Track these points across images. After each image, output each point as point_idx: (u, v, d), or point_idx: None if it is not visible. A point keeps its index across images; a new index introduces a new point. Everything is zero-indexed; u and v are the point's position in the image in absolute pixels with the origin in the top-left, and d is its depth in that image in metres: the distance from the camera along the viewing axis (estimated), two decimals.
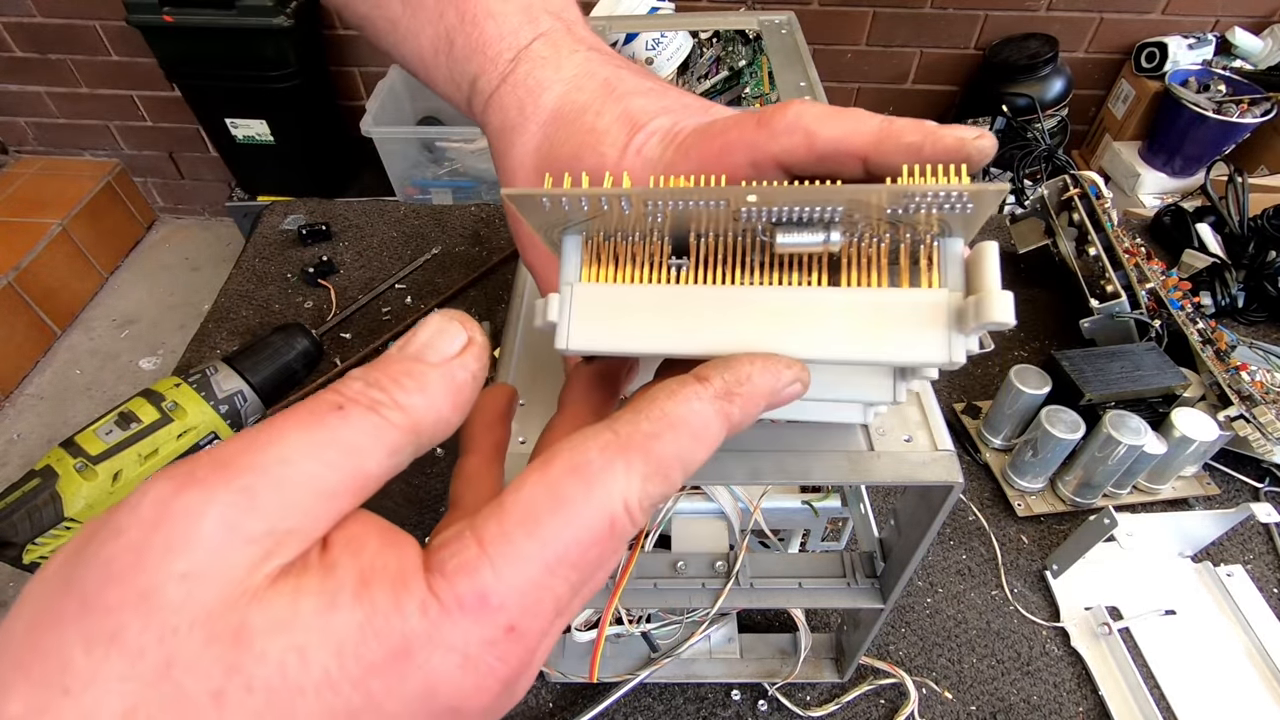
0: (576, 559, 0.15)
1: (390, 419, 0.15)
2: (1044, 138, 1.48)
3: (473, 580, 0.14)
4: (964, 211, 0.17)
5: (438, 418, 0.16)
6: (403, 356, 0.17)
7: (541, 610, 0.15)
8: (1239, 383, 0.64)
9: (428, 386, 0.16)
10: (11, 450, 1.61)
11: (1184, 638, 0.55)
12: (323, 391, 0.16)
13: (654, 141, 0.23)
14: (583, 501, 0.15)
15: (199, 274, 2.04)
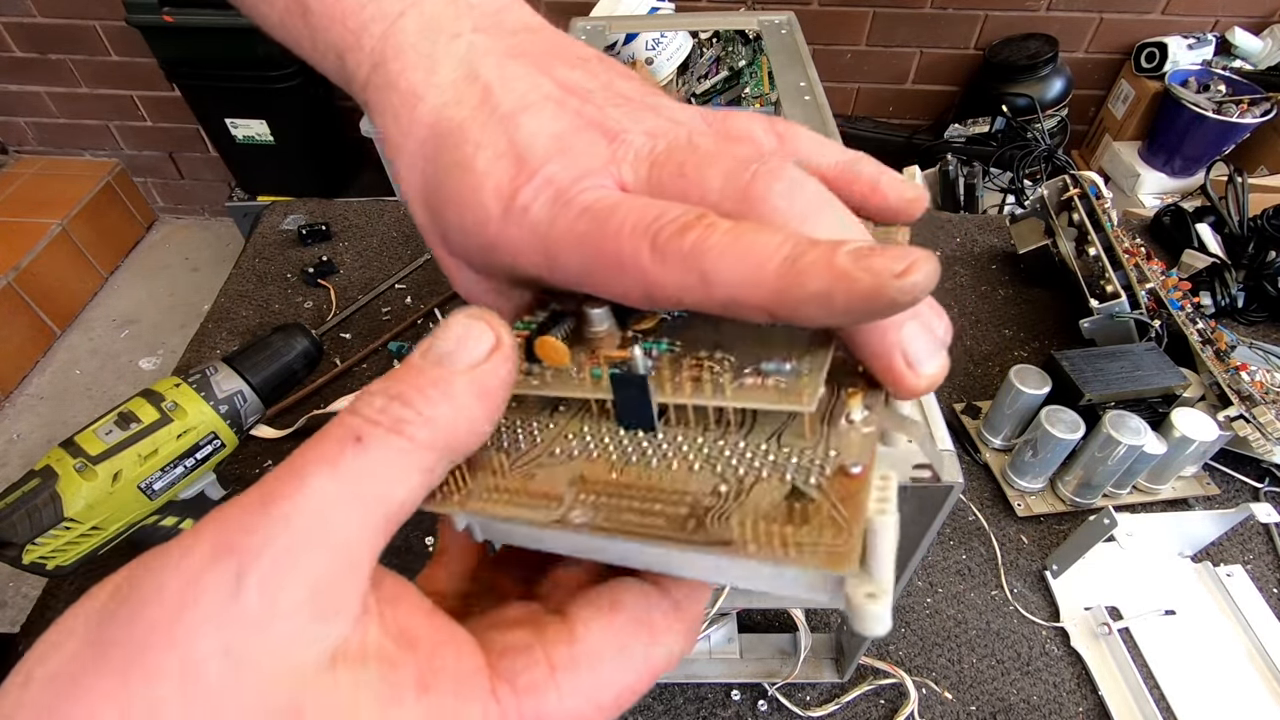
0: (624, 700, 0.16)
1: (418, 437, 0.14)
2: (1044, 138, 1.48)
3: (539, 701, 0.15)
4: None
5: (470, 429, 0.15)
6: (426, 364, 0.15)
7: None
8: (1239, 383, 0.64)
9: (455, 396, 0.15)
10: (11, 450, 1.61)
11: (1184, 638, 0.55)
12: (342, 415, 0.14)
13: (542, 201, 0.18)
14: (642, 656, 0.16)
15: (199, 274, 2.04)
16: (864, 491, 0.14)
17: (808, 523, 0.14)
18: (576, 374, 0.17)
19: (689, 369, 0.17)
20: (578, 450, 0.17)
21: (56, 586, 0.58)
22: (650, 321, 0.19)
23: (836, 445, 0.16)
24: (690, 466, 0.16)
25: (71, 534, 0.40)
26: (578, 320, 0.19)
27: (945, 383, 0.75)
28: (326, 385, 0.74)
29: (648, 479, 0.16)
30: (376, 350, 0.77)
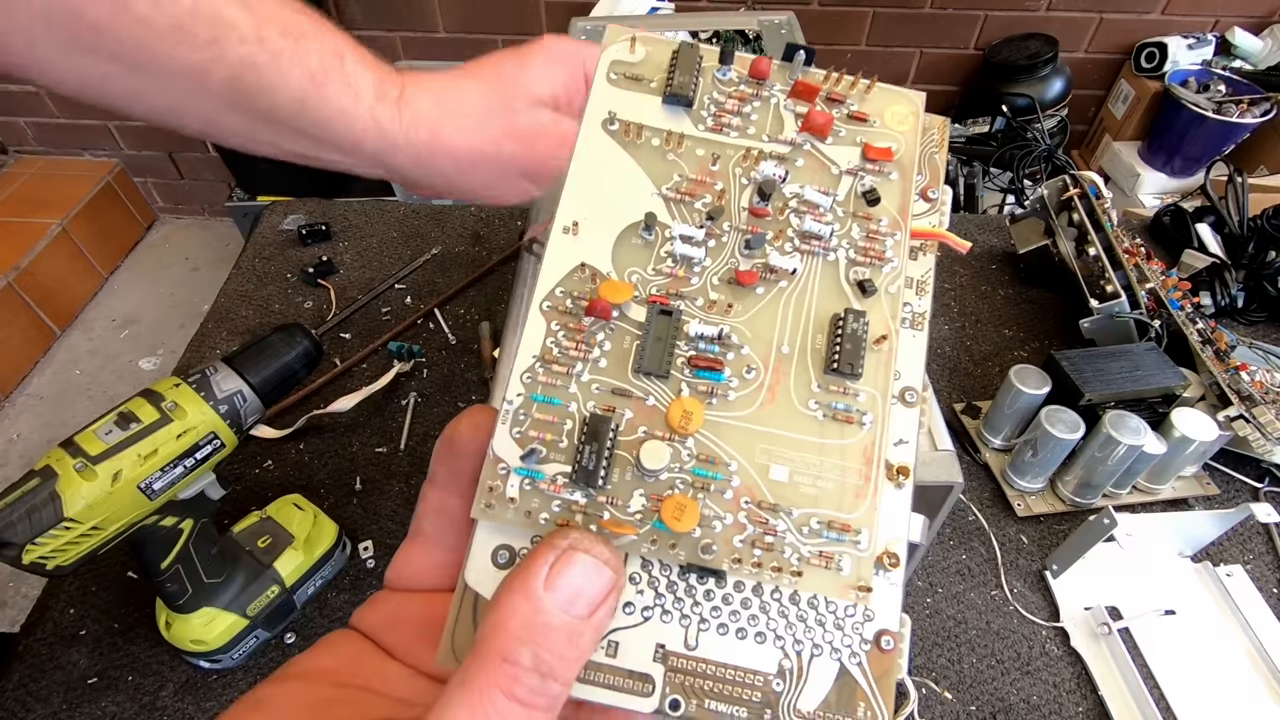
0: None
1: (559, 705, 0.15)
2: (1044, 138, 1.48)
3: None
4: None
5: (585, 662, 0.16)
6: (559, 621, 0.15)
7: None
8: (1239, 383, 0.64)
9: (584, 651, 0.16)
10: (11, 450, 1.61)
11: (1184, 638, 0.55)
12: (500, 695, 0.14)
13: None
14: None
15: (199, 274, 2.04)
16: (896, 669, 0.18)
17: (855, 714, 0.17)
18: (644, 538, 0.18)
19: (754, 524, 0.18)
20: (649, 602, 0.18)
21: (56, 586, 0.59)
22: (697, 417, 0.19)
23: (874, 606, 0.18)
24: (756, 636, 0.18)
25: (71, 534, 0.40)
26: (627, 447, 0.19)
27: (945, 383, 0.75)
28: (326, 385, 0.74)
29: (721, 654, 0.18)
30: (376, 350, 0.77)
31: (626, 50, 0.22)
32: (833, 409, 0.19)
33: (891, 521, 0.19)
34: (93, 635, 0.56)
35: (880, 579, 0.18)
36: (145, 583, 0.58)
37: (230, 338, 0.80)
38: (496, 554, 0.18)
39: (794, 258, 0.20)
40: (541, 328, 0.19)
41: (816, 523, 0.18)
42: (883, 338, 0.19)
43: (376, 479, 0.66)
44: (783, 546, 0.18)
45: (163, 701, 0.52)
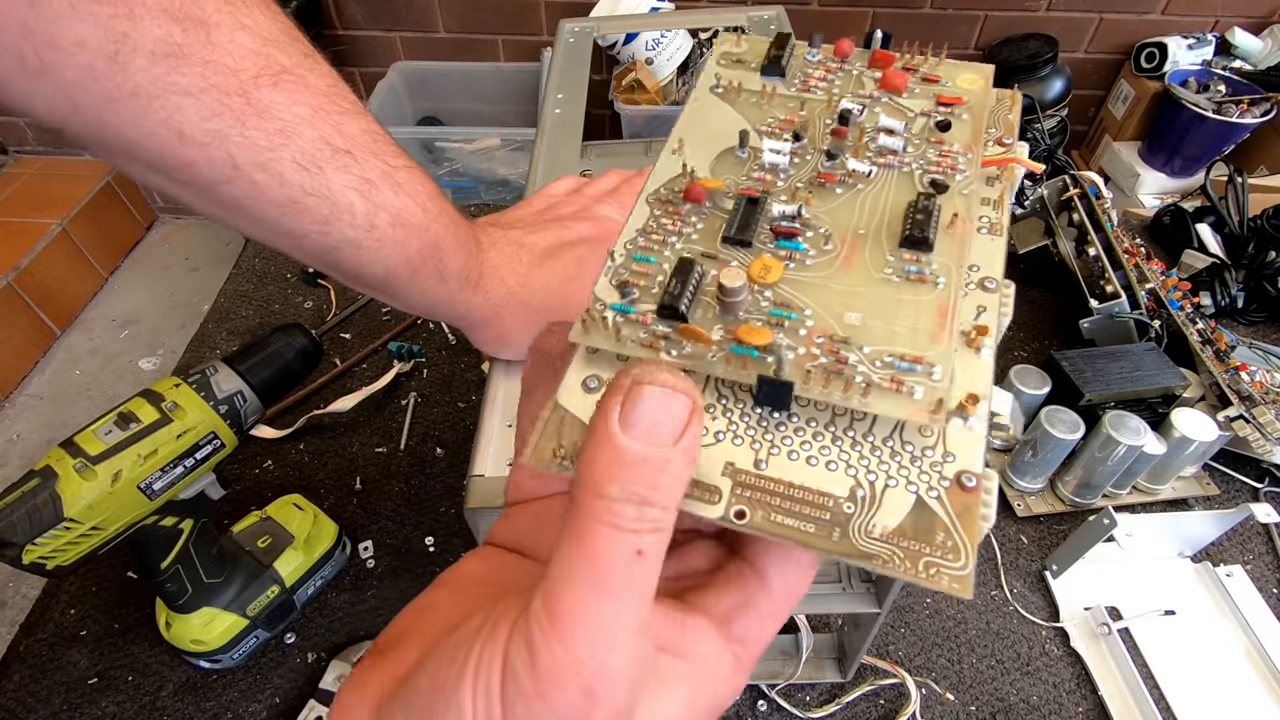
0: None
1: (668, 526, 0.16)
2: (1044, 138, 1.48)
3: (758, 647, 0.20)
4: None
5: (685, 486, 0.17)
6: (641, 453, 0.16)
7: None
8: (1239, 383, 0.64)
9: (678, 476, 0.16)
10: (11, 450, 1.61)
11: (1184, 638, 0.55)
12: (606, 528, 0.15)
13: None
14: (809, 583, 0.20)
15: (199, 274, 2.04)
16: (976, 506, 0.17)
17: (933, 542, 0.17)
18: (717, 354, 0.19)
19: (824, 355, 0.18)
20: (722, 425, 0.19)
21: (56, 586, 0.59)
22: (775, 271, 0.20)
23: (955, 449, 0.18)
24: (827, 463, 0.18)
25: (71, 534, 0.40)
26: (707, 279, 0.21)
27: None
28: (326, 385, 0.74)
29: (791, 475, 0.18)
30: (376, 350, 0.77)
31: (734, 43, 0.27)
32: (906, 272, 0.20)
33: (971, 378, 0.18)
34: (93, 635, 0.56)
35: (959, 425, 0.18)
36: (145, 583, 0.58)
37: (230, 338, 0.80)
38: (587, 381, 0.19)
39: (870, 166, 0.22)
40: (645, 213, 0.22)
41: (889, 356, 0.18)
42: (955, 216, 0.21)
43: (376, 479, 0.66)
44: (854, 373, 0.18)
45: (163, 701, 0.52)
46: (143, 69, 0.24)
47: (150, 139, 0.25)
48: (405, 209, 0.32)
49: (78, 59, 0.23)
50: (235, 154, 0.27)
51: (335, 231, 0.30)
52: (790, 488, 0.18)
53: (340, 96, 0.29)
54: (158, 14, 0.24)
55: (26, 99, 0.24)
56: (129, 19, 0.23)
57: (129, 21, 0.23)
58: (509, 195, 1.43)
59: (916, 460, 0.18)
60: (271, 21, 0.27)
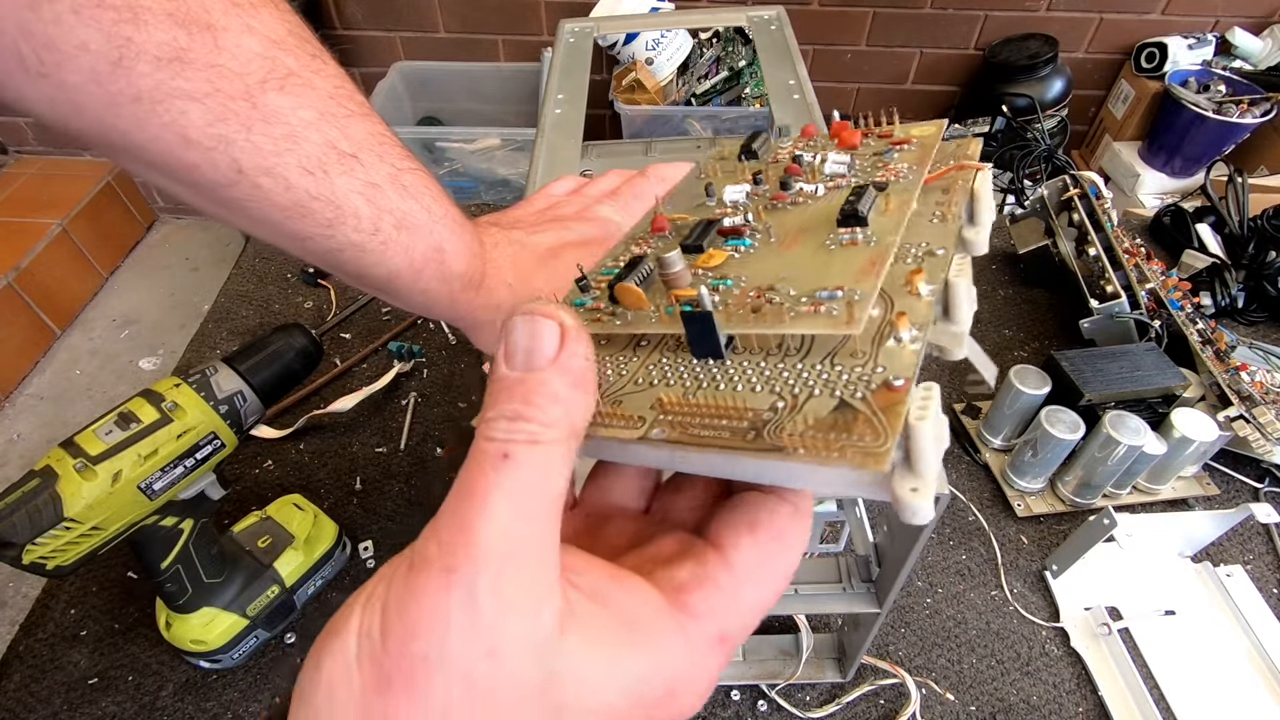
0: (770, 603, 0.19)
1: (548, 438, 0.17)
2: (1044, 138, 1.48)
3: (716, 623, 0.18)
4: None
5: (580, 409, 0.18)
6: (516, 376, 0.17)
7: (746, 635, 0.19)
8: (1239, 383, 0.64)
9: (556, 393, 0.17)
10: (11, 450, 1.61)
11: (1184, 638, 0.55)
12: (479, 442, 0.17)
13: None
14: (782, 564, 0.19)
15: (199, 274, 2.04)
16: (904, 402, 0.16)
17: (850, 430, 0.16)
18: (653, 313, 0.20)
19: (752, 300, 0.19)
20: (657, 379, 0.20)
21: (56, 586, 0.59)
22: (719, 258, 0.22)
23: (885, 362, 0.17)
24: (753, 388, 0.18)
25: (71, 534, 0.40)
26: (655, 265, 0.22)
27: (945, 383, 0.75)
28: (326, 385, 0.74)
29: (716, 400, 0.18)
30: (376, 350, 0.77)
31: (723, 149, 0.31)
32: (841, 240, 0.21)
33: (912, 313, 0.18)
34: (93, 635, 0.56)
35: (892, 344, 0.18)
36: (145, 583, 0.58)
37: (230, 338, 0.80)
38: None
39: (819, 185, 0.24)
40: (620, 247, 0.26)
41: (818, 293, 0.19)
42: (888, 197, 0.22)
43: (376, 479, 0.66)
44: (781, 303, 0.19)
45: (163, 702, 0.52)
46: (147, 74, 0.24)
47: (153, 142, 0.25)
48: (410, 212, 0.32)
49: (80, 63, 0.23)
50: (240, 158, 0.27)
51: (340, 235, 0.30)
52: (713, 408, 0.18)
53: (347, 98, 0.29)
54: (163, 19, 0.24)
55: (27, 99, 0.24)
56: (133, 24, 0.23)
57: (133, 26, 0.23)
58: (509, 195, 1.43)
59: (844, 374, 0.18)
60: (280, 22, 0.27)
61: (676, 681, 0.17)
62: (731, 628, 0.18)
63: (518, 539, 0.16)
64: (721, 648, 0.18)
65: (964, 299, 0.18)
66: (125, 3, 0.23)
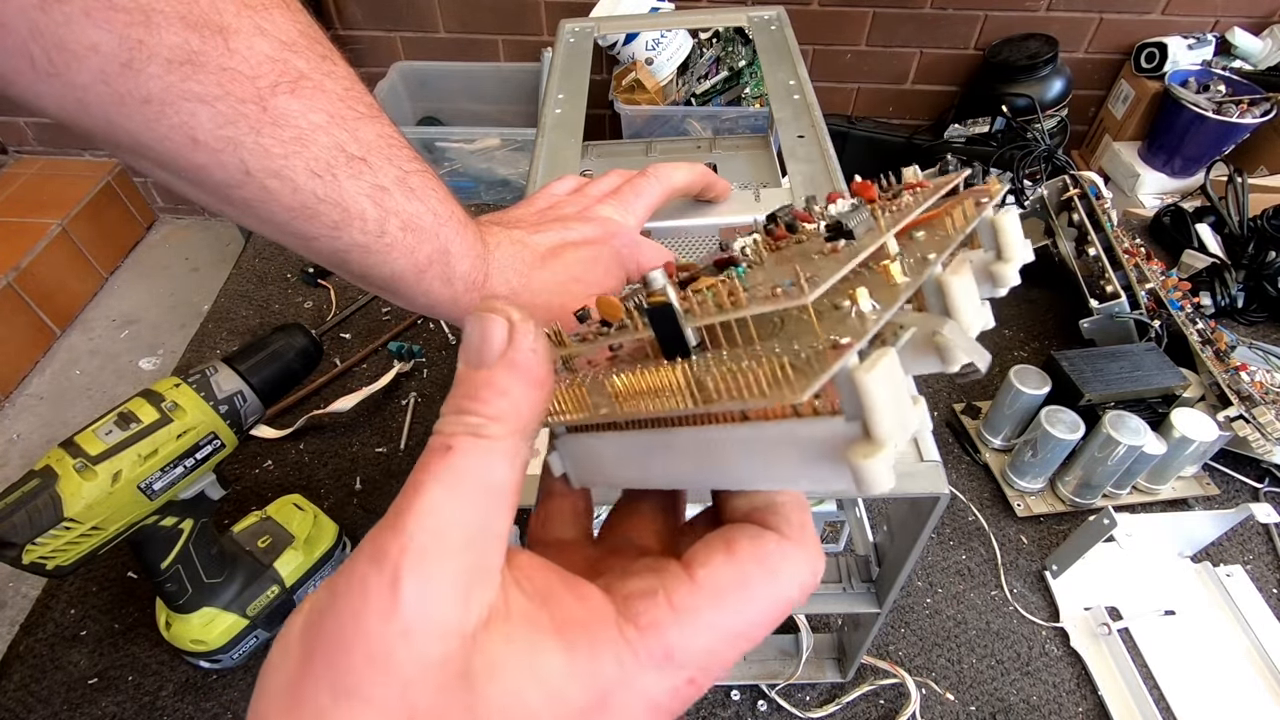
0: (756, 631, 0.18)
1: (492, 433, 0.17)
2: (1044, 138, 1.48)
3: (662, 637, 0.17)
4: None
5: (531, 403, 0.18)
6: (467, 372, 0.18)
7: (716, 667, 0.18)
8: (1239, 383, 0.64)
9: (503, 388, 0.17)
10: (11, 450, 1.61)
11: (1184, 638, 0.55)
12: (432, 437, 0.17)
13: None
14: (765, 587, 0.18)
15: (199, 274, 2.04)
16: (842, 355, 0.15)
17: (785, 381, 0.15)
18: (629, 321, 0.21)
19: (716, 296, 0.19)
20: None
21: (56, 586, 0.59)
22: (708, 282, 0.22)
23: (837, 330, 0.17)
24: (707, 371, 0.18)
25: (71, 534, 0.40)
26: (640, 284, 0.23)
27: (945, 382, 0.75)
28: (326, 385, 0.74)
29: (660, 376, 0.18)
30: (376, 350, 0.77)
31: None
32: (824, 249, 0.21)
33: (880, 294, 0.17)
34: (93, 635, 0.56)
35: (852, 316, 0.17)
36: (145, 583, 0.58)
37: (230, 338, 0.80)
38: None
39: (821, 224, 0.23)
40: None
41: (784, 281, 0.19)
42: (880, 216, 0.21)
43: (376, 479, 0.66)
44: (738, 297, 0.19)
45: (163, 701, 0.52)
46: (157, 76, 0.24)
47: (162, 143, 0.25)
48: (417, 215, 0.32)
49: (90, 64, 0.23)
50: (248, 160, 0.27)
51: (346, 236, 0.30)
52: (660, 385, 0.18)
53: (356, 100, 0.29)
54: (175, 21, 0.24)
55: (35, 97, 0.24)
56: (145, 26, 0.23)
57: (145, 29, 0.23)
58: (509, 195, 1.43)
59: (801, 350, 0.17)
60: (291, 24, 0.27)
61: (608, 694, 0.16)
62: (684, 647, 0.17)
63: (451, 527, 0.16)
64: (668, 667, 0.17)
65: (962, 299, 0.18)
66: (137, 5, 0.23)
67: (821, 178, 0.46)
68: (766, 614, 0.18)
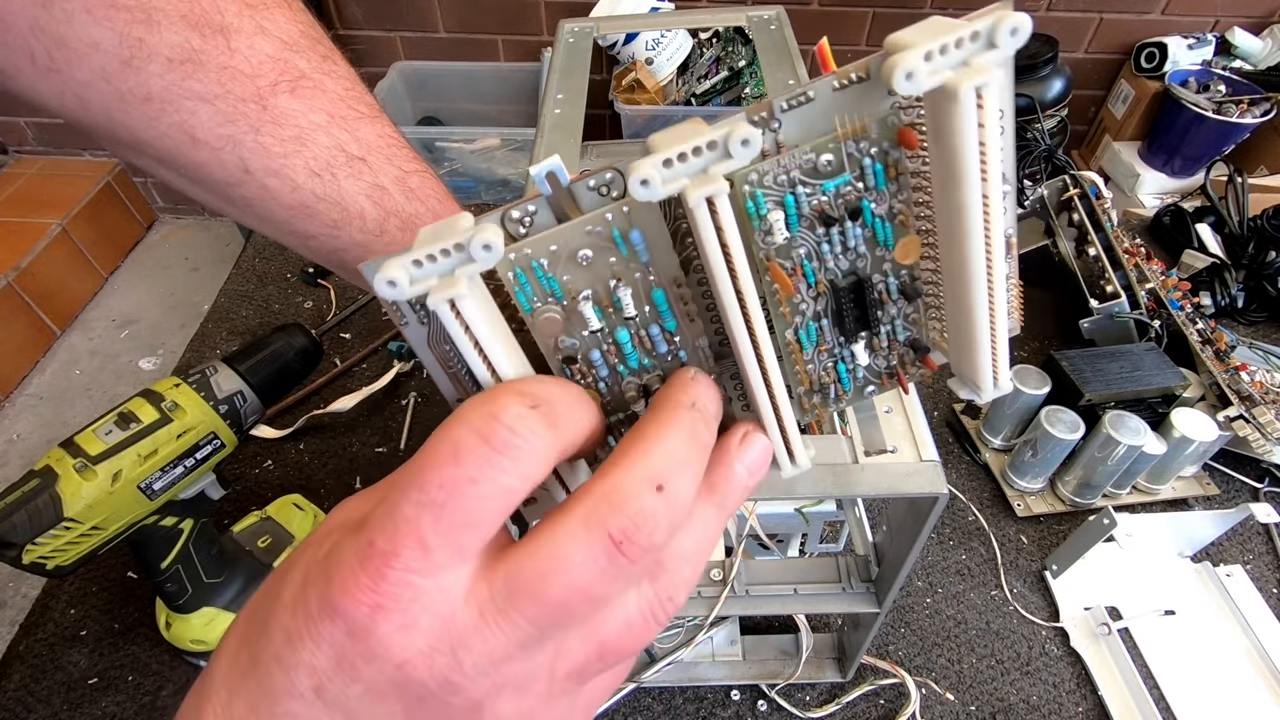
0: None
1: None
2: (1044, 138, 1.48)
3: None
4: None
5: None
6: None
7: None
8: (1238, 383, 0.64)
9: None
10: (11, 450, 1.61)
11: (1183, 638, 0.55)
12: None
13: None
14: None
15: (199, 274, 2.04)
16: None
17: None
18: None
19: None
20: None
21: (56, 586, 0.58)
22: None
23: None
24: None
25: (71, 534, 0.40)
26: None
27: (945, 383, 0.75)
28: (326, 385, 0.74)
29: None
30: (376, 350, 0.77)
31: None
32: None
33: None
34: (93, 635, 0.56)
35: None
36: (145, 583, 0.58)
37: (230, 338, 0.80)
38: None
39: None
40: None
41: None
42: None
43: (376, 479, 0.66)
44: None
45: (163, 701, 0.52)
46: (158, 74, 0.24)
47: (162, 140, 0.25)
48: (416, 214, 0.32)
49: (91, 61, 0.23)
50: (248, 159, 0.27)
51: (345, 235, 0.30)
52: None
53: (357, 100, 0.29)
54: (176, 21, 0.24)
55: (36, 93, 0.24)
56: (146, 25, 0.23)
57: (146, 28, 0.23)
58: (509, 195, 1.43)
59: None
60: (292, 23, 0.27)
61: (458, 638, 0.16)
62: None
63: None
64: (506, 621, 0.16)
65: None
66: (138, 3, 0.23)
67: None
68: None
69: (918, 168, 0.19)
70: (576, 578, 0.15)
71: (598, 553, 0.15)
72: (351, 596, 0.15)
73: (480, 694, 0.16)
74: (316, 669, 0.15)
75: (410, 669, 0.15)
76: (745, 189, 0.19)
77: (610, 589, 0.16)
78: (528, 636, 0.16)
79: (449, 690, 0.15)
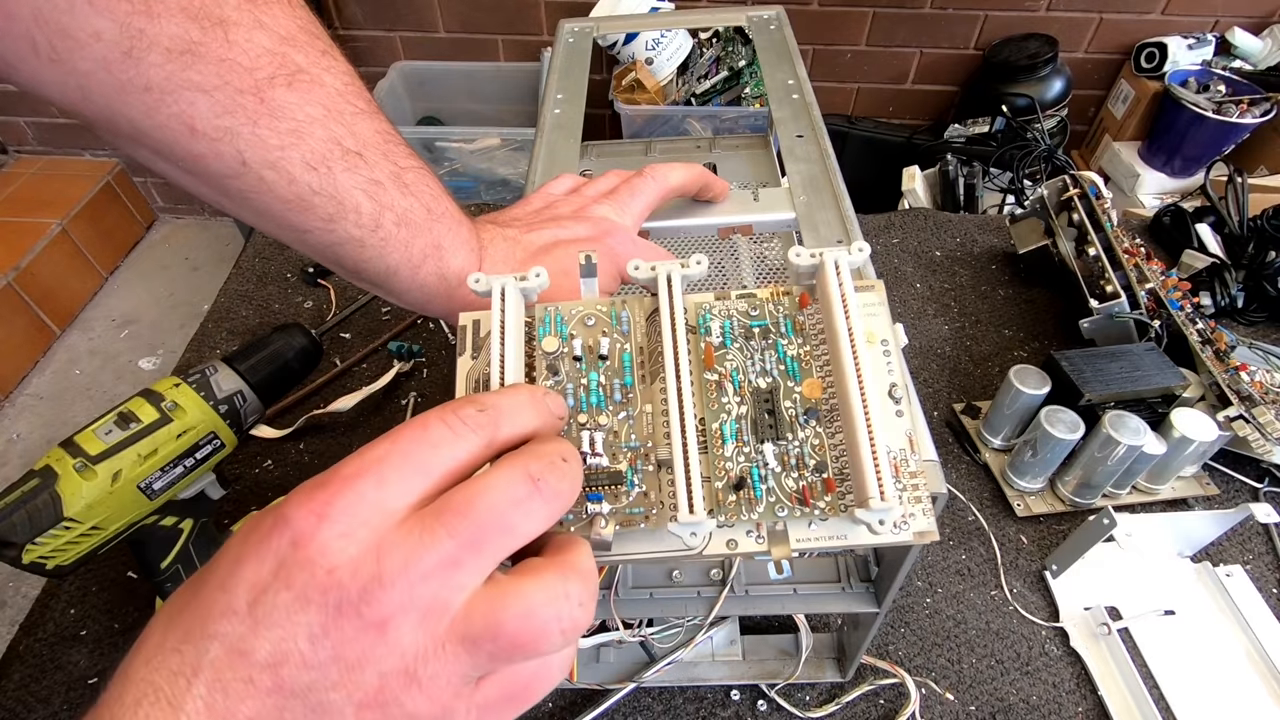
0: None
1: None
2: (1044, 138, 1.48)
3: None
4: None
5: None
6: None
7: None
8: (1238, 383, 0.64)
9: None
10: (11, 450, 1.61)
11: (1183, 638, 0.55)
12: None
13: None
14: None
15: (199, 274, 2.04)
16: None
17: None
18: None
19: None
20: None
21: (56, 586, 0.59)
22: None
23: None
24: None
25: (71, 534, 0.40)
26: None
27: (945, 382, 0.75)
28: (326, 385, 0.74)
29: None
30: (376, 350, 0.77)
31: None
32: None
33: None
34: (93, 635, 0.56)
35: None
36: (145, 583, 0.58)
37: (230, 338, 0.80)
38: None
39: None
40: None
41: None
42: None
43: None
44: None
45: None
46: (158, 65, 0.24)
47: (160, 130, 0.26)
48: (411, 210, 0.32)
49: (92, 51, 0.23)
50: (245, 151, 0.27)
51: (340, 229, 0.30)
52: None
53: (354, 96, 0.30)
54: (176, 12, 0.24)
55: (38, 83, 0.24)
56: (147, 16, 0.23)
57: (147, 19, 0.23)
58: (508, 195, 1.44)
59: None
60: (290, 18, 0.27)
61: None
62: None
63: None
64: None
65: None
66: None
67: (821, 178, 0.46)
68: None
69: (815, 324, 0.27)
70: (498, 497, 0.19)
71: (519, 481, 0.20)
72: (304, 508, 0.18)
73: (391, 609, 0.17)
74: (257, 582, 0.17)
75: (338, 574, 0.17)
76: (699, 312, 0.28)
77: (524, 522, 0.20)
78: (446, 553, 0.18)
79: (364, 599, 0.17)
